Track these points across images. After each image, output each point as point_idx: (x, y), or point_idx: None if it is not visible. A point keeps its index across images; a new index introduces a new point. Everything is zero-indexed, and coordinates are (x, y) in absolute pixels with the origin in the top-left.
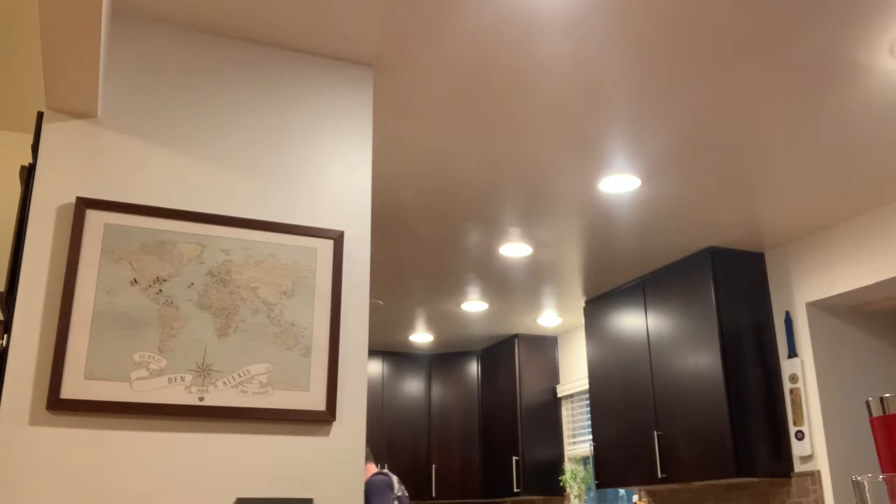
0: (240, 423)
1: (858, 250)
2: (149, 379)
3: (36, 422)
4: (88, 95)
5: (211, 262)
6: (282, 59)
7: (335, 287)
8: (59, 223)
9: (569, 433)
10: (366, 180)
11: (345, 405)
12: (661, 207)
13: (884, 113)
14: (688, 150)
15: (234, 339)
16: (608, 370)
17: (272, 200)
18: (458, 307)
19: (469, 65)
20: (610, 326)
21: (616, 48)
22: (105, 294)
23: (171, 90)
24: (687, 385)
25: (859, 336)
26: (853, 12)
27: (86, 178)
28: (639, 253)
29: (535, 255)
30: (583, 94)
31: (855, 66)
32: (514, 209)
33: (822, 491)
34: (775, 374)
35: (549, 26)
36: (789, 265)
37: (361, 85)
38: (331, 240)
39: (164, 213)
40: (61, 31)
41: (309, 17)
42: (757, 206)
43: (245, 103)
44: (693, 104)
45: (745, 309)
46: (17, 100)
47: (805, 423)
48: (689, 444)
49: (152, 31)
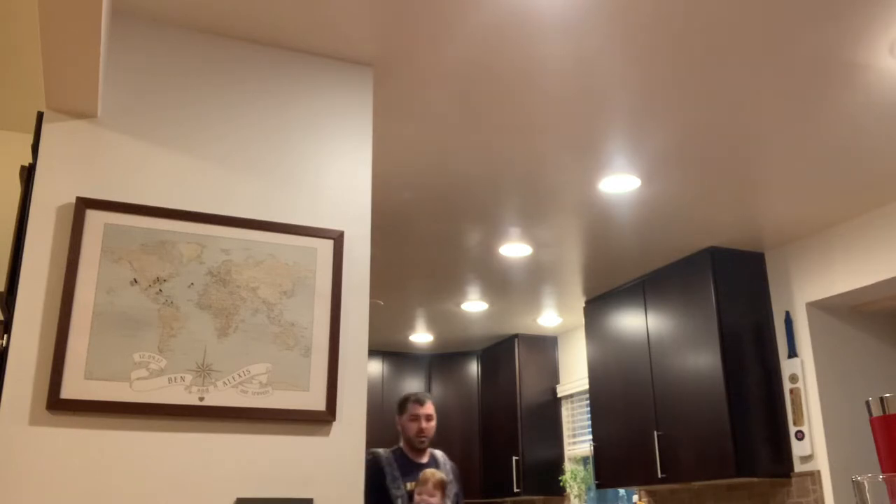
0: (240, 423)
1: (858, 250)
2: (149, 379)
3: (36, 422)
4: (88, 95)
5: (211, 262)
6: (282, 59)
7: (335, 287)
8: (59, 223)
9: (569, 433)
10: (366, 180)
11: (345, 405)
12: (661, 207)
13: (884, 113)
14: (688, 150)
15: (234, 339)
16: (608, 370)
17: (272, 200)
18: (458, 307)
19: (469, 65)
20: (610, 326)
21: (616, 48)
22: (105, 294)
23: (171, 90)
24: (687, 385)
25: (859, 336)
26: (853, 12)
27: (86, 178)
28: (639, 253)
29: (535, 255)
30: (583, 94)
31: (855, 66)
32: (514, 209)
33: (822, 491)
34: (775, 374)
35: (550, 26)
36: (789, 265)
37: (361, 85)
38: (331, 240)
39: (164, 213)
40: (61, 31)
41: (309, 17)
42: (757, 206)
43: (245, 103)
44: (693, 104)
45: (745, 309)
46: (17, 100)
47: (805, 423)
48: (689, 444)
49: (152, 31)
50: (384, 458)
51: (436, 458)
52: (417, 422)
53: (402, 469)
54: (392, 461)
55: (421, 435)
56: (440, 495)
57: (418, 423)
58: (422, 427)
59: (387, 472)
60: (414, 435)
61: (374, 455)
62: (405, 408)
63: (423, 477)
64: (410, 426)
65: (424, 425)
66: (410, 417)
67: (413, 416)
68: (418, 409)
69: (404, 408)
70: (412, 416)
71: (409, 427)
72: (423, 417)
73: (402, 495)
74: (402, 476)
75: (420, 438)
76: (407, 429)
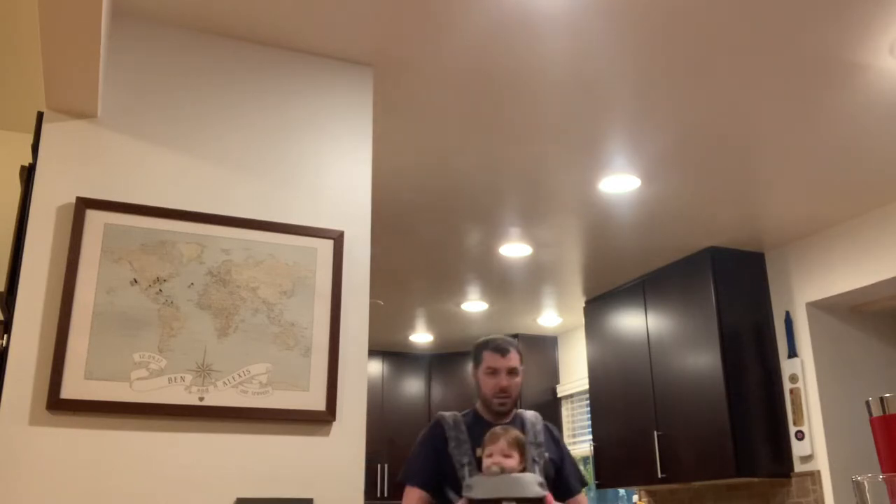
0: (240, 423)
1: (858, 250)
2: (149, 379)
3: (36, 422)
4: (88, 95)
5: (211, 262)
6: (282, 59)
7: (335, 287)
8: (59, 223)
9: (569, 433)
10: (366, 180)
11: (345, 405)
12: (661, 207)
13: (884, 113)
14: (688, 150)
15: (234, 339)
16: (608, 370)
17: (272, 200)
18: (458, 307)
19: (469, 65)
20: (610, 326)
21: (616, 48)
22: (105, 294)
23: (171, 90)
24: (687, 385)
25: (859, 336)
26: (853, 12)
27: (86, 178)
28: (639, 253)
29: (535, 255)
30: (583, 95)
31: (855, 66)
32: (514, 209)
33: (822, 491)
34: (775, 374)
35: (550, 27)
36: (789, 265)
37: (361, 85)
38: (331, 240)
39: (164, 213)
40: (61, 31)
41: (309, 17)
42: (757, 206)
43: (245, 103)
44: (693, 104)
45: (745, 309)
46: (17, 100)
47: (805, 423)
48: (689, 444)
49: (152, 32)
50: (449, 421)
51: (523, 419)
52: (496, 377)
53: (472, 435)
54: (460, 424)
55: (502, 395)
56: (518, 456)
57: (497, 378)
58: (502, 385)
59: (450, 438)
60: (491, 394)
61: (437, 419)
62: (480, 357)
63: (492, 434)
64: (487, 382)
65: (506, 382)
66: (487, 371)
67: (490, 369)
68: (498, 360)
69: (479, 358)
70: (489, 370)
71: (486, 384)
72: (505, 371)
73: (469, 462)
74: (471, 442)
75: (500, 400)
76: (483, 385)
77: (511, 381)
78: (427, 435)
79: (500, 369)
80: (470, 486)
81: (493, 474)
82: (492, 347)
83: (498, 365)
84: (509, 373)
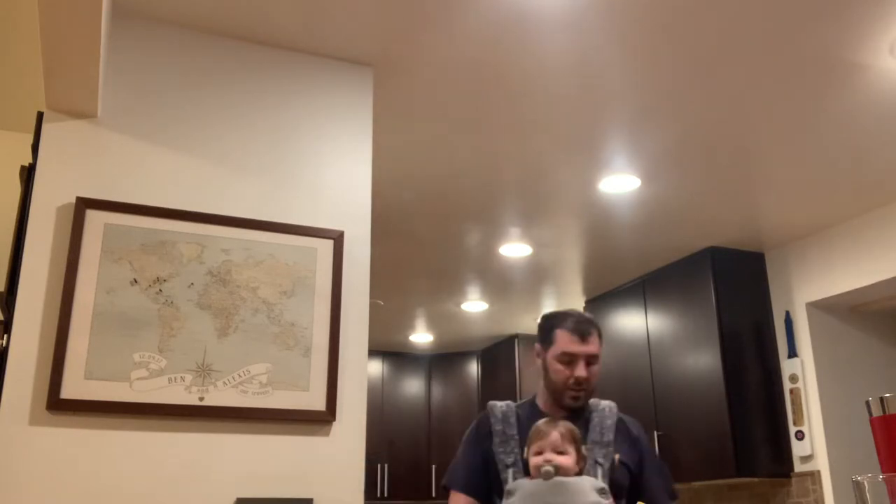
0: (240, 423)
1: (858, 250)
2: (149, 379)
3: (36, 422)
4: (88, 95)
5: (211, 262)
6: (282, 59)
7: (335, 287)
8: (59, 223)
9: None
10: (366, 180)
11: (345, 405)
12: (661, 207)
13: (884, 113)
14: (688, 150)
15: (234, 339)
16: (608, 370)
17: (272, 200)
18: (458, 307)
19: (469, 65)
20: (610, 326)
21: (616, 48)
22: (105, 294)
23: (171, 90)
24: (687, 385)
25: (859, 336)
26: (853, 12)
27: (86, 178)
28: (639, 253)
29: (535, 255)
30: (583, 94)
31: (855, 66)
32: (514, 209)
33: (822, 491)
34: (775, 374)
35: (550, 27)
36: (789, 265)
37: (361, 85)
38: (331, 240)
39: (164, 213)
40: (61, 31)
41: (309, 17)
42: (757, 206)
43: (245, 103)
44: (693, 104)
45: (745, 309)
46: (17, 100)
47: (805, 423)
48: (689, 444)
49: (152, 32)
50: (497, 413)
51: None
52: (572, 366)
53: (521, 430)
54: (510, 417)
55: (577, 388)
56: (574, 453)
57: (573, 368)
58: (580, 376)
59: (496, 433)
60: (564, 385)
61: (485, 411)
62: (552, 337)
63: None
64: (559, 371)
65: (584, 373)
66: (561, 356)
67: (567, 356)
68: (576, 344)
69: (551, 337)
70: (564, 356)
71: (557, 372)
72: (583, 359)
73: (513, 462)
74: (520, 438)
75: (574, 393)
76: (553, 372)
77: (590, 371)
78: (471, 431)
79: (578, 356)
80: (510, 491)
81: (541, 477)
82: (570, 327)
83: (577, 351)
84: (589, 360)
